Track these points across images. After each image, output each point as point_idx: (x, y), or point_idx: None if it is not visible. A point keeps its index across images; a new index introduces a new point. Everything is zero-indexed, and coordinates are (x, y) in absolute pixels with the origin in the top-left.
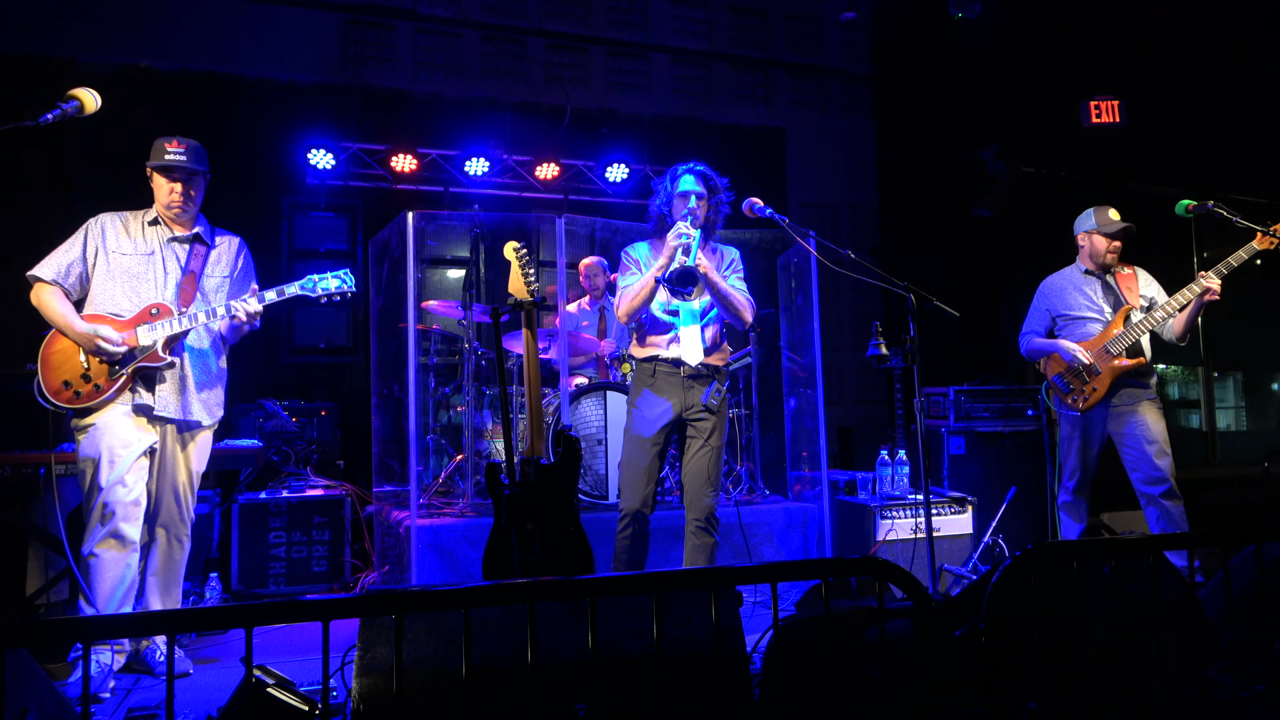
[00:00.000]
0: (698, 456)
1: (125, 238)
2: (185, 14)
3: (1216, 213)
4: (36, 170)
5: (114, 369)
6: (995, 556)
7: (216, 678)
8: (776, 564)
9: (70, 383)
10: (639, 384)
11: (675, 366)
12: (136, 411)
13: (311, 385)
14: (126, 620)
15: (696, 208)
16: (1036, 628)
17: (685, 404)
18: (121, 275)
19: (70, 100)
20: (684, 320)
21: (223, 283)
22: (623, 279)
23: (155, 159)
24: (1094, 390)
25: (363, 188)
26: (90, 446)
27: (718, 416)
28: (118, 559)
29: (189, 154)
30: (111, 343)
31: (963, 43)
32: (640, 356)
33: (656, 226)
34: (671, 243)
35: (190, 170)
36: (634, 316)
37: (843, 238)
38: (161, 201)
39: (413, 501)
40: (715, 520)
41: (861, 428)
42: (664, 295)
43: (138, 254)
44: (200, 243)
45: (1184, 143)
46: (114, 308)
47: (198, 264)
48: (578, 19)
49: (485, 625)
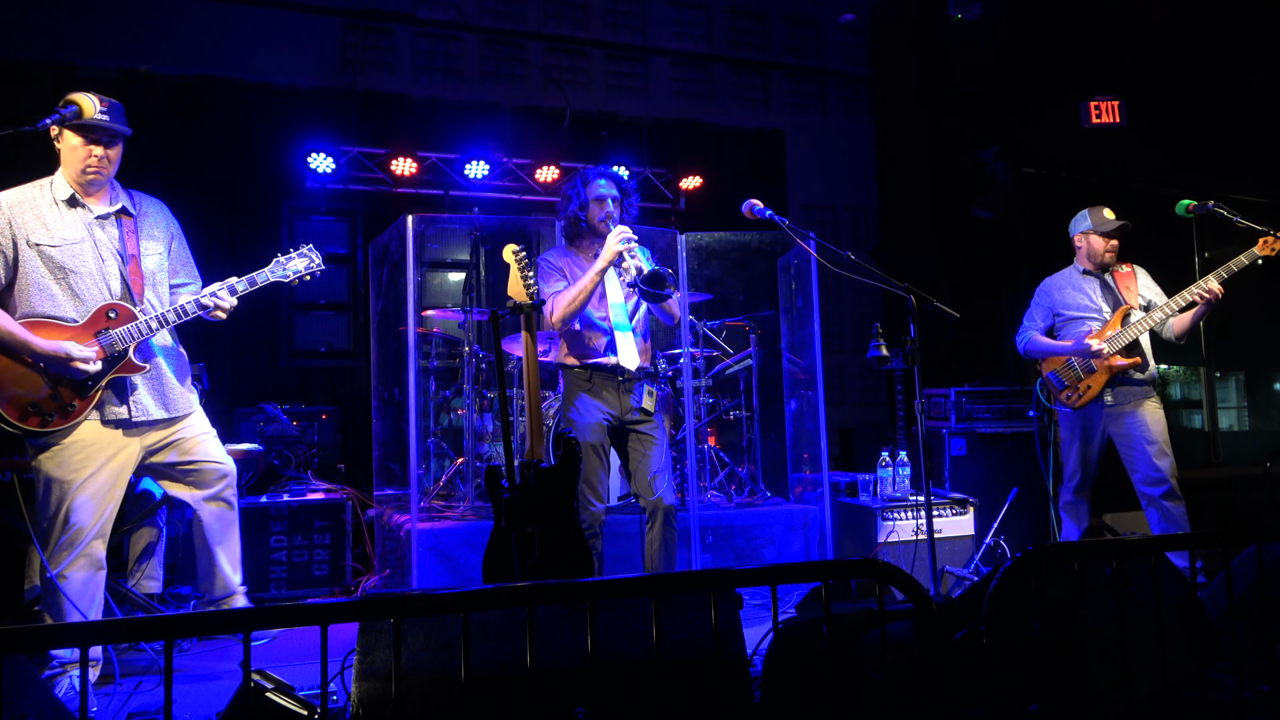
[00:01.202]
0: (651, 456)
1: (42, 226)
2: (184, 18)
3: (1217, 213)
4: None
5: (86, 385)
6: (997, 558)
7: (216, 682)
8: (777, 566)
9: (38, 405)
10: (574, 391)
11: (613, 373)
12: (109, 424)
13: (312, 389)
14: (125, 625)
15: (614, 210)
16: (1037, 629)
17: (622, 408)
18: (55, 272)
19: (68, 105)
20: (619, 326)
21: (161, 260)
22: (548, 286)
23: (74, 121)
24: (1088, 388)
25: (363, 191)
26: (57, 467)
27: (655, 414)
28: (89, 578)
29: (111, 113)
30: (88, 361)
31: (962, 44)
32: (574, 364)
33: (570, 231)
34: (616, 245)
35: (112, 133)
36: (567, 323)
37: (842, 239)
38: (75, 167)
39: (413, 505)
40: (675, 512)
41: (862, 429)
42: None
43: (66, 243)
44: (126, 215)
45: (1185, 143)
46: (56, 311)
47: (133, 244)
48: (577, 22)
49: (485, 629)
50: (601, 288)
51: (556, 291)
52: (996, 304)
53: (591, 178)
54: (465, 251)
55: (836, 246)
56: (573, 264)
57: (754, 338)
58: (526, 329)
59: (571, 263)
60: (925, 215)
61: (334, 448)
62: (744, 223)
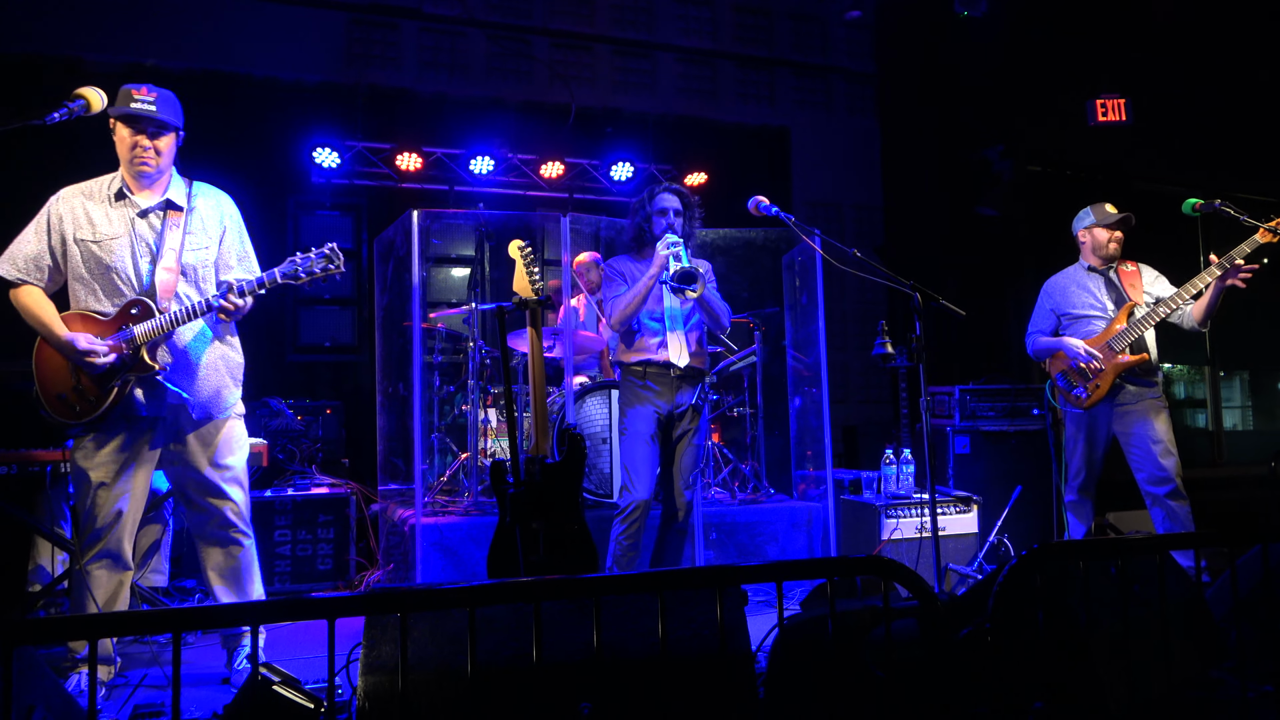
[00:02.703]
0: (684, 454)
1: (88, 222)
2: (190, 13)
3: (1224, 211)
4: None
5: (104, 382)
6: (1000, 556)
7: (220, 675)
8: (782, 563)
9: (64, 395)
10: (632, 386)
11: (665, 368)
12: (136, 423)
13: (317, 384)
14: (132, 618)
15: (675, 221)
16: (1042, 628)
17: (674, 403)
18: (94, 266)
19: (77, 99)
20: (670, 326)
21: (207, 255)
22: (609, 290)
23: (120, 108)
24: (1096, 387)
25: (368, 186)
26: (84, 459)
27: (699, 417)
28: (110, 578)
29: (160, 103)
30: (95, 355)
31: (968, 41)
32: (630, 361)
33: (635, 242)
34: (663, 251)
35: (160, 123)
36: (626, 323)
37: (847, 236)
38: (124, 157)
39: (417, 500)
40: (690, 515)
41: (866, 427)
42: (657, 302)
43: (105, 239)
44: (172, 209)
45: (1191, 141)
46: (95, 304)
47: (175, 239)
48: (582, 18)
49: (490, 624)
50: (658, 291)
51: (616, 295)
52: (1001, 302)
53: (658, 192)
54: (469, 247)
55: (841, 244)
56: (634, 270)
57: (758, 334)
58: (532, 324)
59: (634, 268)
60: (930, 213)
61: (338, 442)
62: (748, 219)
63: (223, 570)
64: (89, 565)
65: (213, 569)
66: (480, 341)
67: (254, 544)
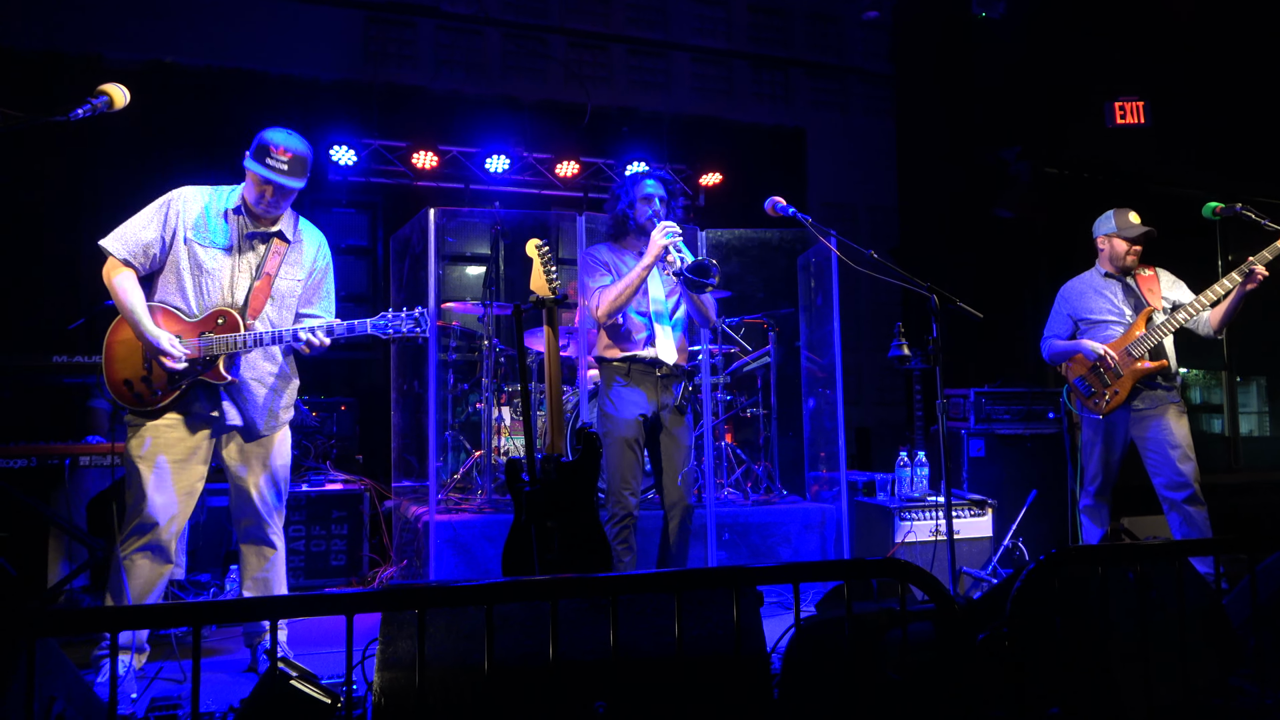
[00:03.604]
0: (676, 454)
1: (205, 227)
2: (209, 11)
3: (1245, 215)
4: (62, 164)
5: (174, 379)
6: (1015, 560)
7: (235, 668)
8: (799, 564)
9: (131, 382)
10: (613, 384)
11: (651, 366)
12: (195, 421)
13: (331, 380)
14: (151, 611)
15: (661, 209)
16: (1060, 633)
17: (659, 403)
18: (194, 268)
19: (100, 95)
20: (657, 320)
21: (296, 286)
22: (593, 280)
23: (256, 161)
24: (1115, 393)
25: (383, 184)
26: (139, 450)
27: (688, 413)
28: (150, 568)
29: (292, 167)
30: (173, 359)
31: (985, 42)
32: (614, 357)
33: (616, 229)
34: (661, 240)
35: (287, 190)
36: (613, 316)
37: (862, 238)
38: (249, 199)
39: (431, 497)
40: (692, 513)
41: (879, 429)
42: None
43: (216, 247)
44: (280, 239)
45: (1210, 144)
46: (180, 302)
47: (274, 264)
48: (598, 17)
49: (505, 622)
50: (644, 284)
51: (603, 286)
52: (1016, 305)
53: (640, 177)
54: (484, 245)
55: (856, 245)
56: (618, 260)
57: (772, 335)
58: (548, 323)
59: (617, 259)
60: (946, 215)
61: (352, 439)
62: (764, 220)
63: (255, 573)
64: (133, 555)
65: (248, 572)
66: (495, 340)
67: (284, 547)
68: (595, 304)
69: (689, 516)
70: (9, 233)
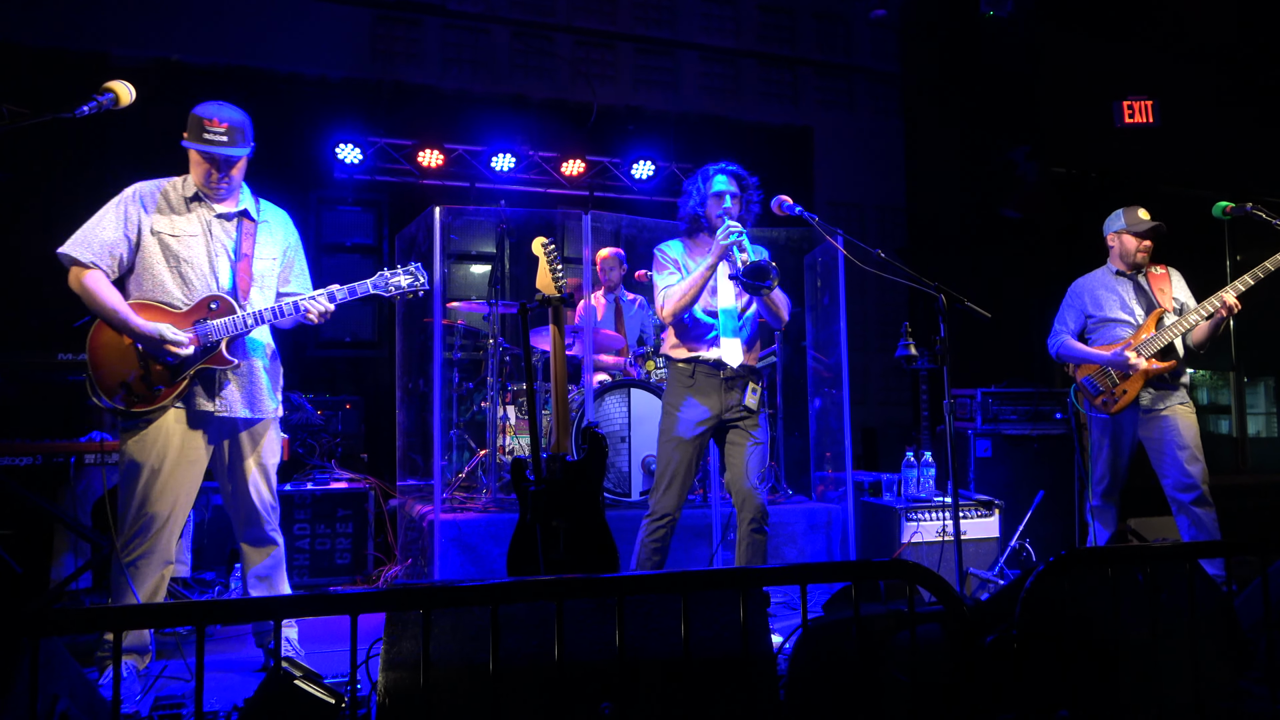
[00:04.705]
0: (748, 456)
1: (167, 216)
2: (216, 8)
3: (1255, 215)
4: (68, 163)
5: (176, 371)
6: (1022, 561)
7: (239, 668)
8: (806, 565)
9: (127, 384)
10: (678, 385)
11: (716, 368)
12: (194, 418)
13: (337, 379)
14: (156, 610)
15: (732, 206)
16: (1069, 635)
17: (724, 405)
18: (169, 260)
19: (106, 93)
20: (724, 322)
21: (273, 265)
22: (660, 278)
23: (192, 138)
24: (1124, 393)
25: (389, 182)
26: (139, 451)
27: (758, 414)
28: (155, 571)
29: (231, 136)
30: (180, 346)
31: (993, 42)
32: (679, 358)
33: (690, 226)
34: (722, 241)
35: (230, 160)
36: (678, 315)
37: (869, 237)
38: (198, 181)
39: (436, 496)
40: (767, 516)
41: (886, 429)
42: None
43: (185, 235)
44: (247, 219)
45: (1219, 144)
46: (164, 296)
47: (249, 245)
48: (605, 15)
49: (510, 622)
50: (713, 283)
51: (669, 285)
52: (1024, 305)
53: (712, 174)
54: (489, 244)
55: (863, 244)
56: (689, 258)
57: (779, 335)
58: (554, 322)
59: (688, 256)
60: (953, 215)
61: (357, 437)
62: (770, 219)
63: (258, 570)
64: (136, 559)
65: (250, 570)
66: (500, 339)
67: (284, 543)
68: (661, 303)
69: (763, 520)
70: (14, 229)
